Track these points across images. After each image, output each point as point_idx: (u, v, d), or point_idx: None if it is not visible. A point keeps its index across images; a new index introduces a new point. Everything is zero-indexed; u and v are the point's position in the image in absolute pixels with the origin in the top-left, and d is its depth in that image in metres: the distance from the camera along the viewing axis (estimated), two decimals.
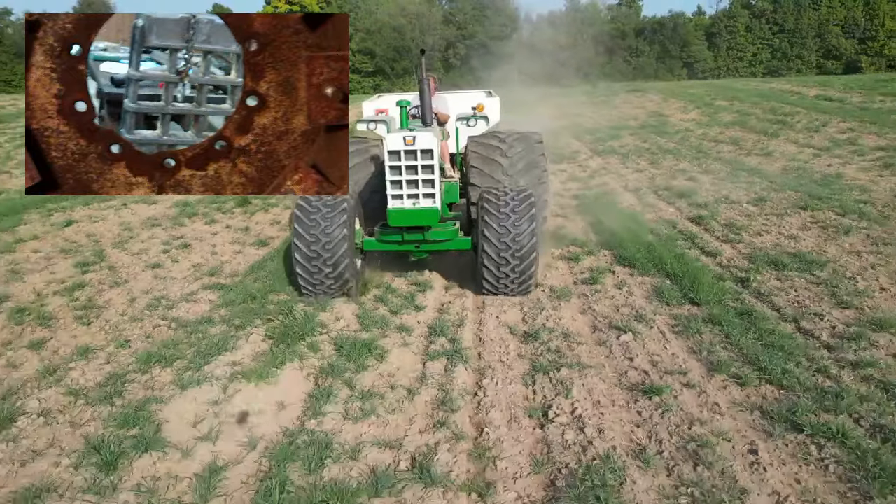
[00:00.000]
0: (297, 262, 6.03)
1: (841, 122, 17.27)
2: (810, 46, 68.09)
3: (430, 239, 6.35)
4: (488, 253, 5.98)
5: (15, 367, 4.96)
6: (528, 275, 6.12)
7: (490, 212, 6.02)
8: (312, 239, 5.91)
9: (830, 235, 7.98)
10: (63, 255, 7.71)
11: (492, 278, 6.14)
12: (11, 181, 13.10)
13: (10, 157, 15.90)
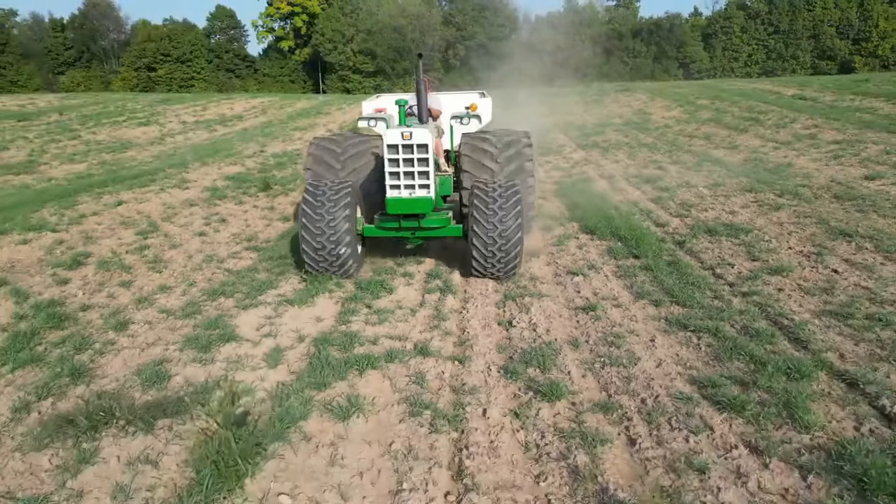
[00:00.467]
0: (304, 243, 6.68)
1: (808, 119, 18.94)
2: (805, 47, 69.73)
3: (424, 226, 6.97)
4: (477, 241, 6.61)
5: (114, 298, 6.65)
6: (513, 261, 6.78)
7: (480, 203, 6.63)
8: (318, 225, 6.53)
9: (763, 211, 9.66)
10: (123, 227, 9.39)
11: (480, 263, 6.78)
12: (53, 171, 14.77)
13: (45, 151, 17.57)
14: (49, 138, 19.85)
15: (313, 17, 67.76)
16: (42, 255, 7.81)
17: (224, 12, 70.71)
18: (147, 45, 66.72)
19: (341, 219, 6.60)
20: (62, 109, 27.03)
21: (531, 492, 3.49)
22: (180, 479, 3.58)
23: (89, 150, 18.06)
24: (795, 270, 6.96)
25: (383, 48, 65.55)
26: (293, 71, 70.35)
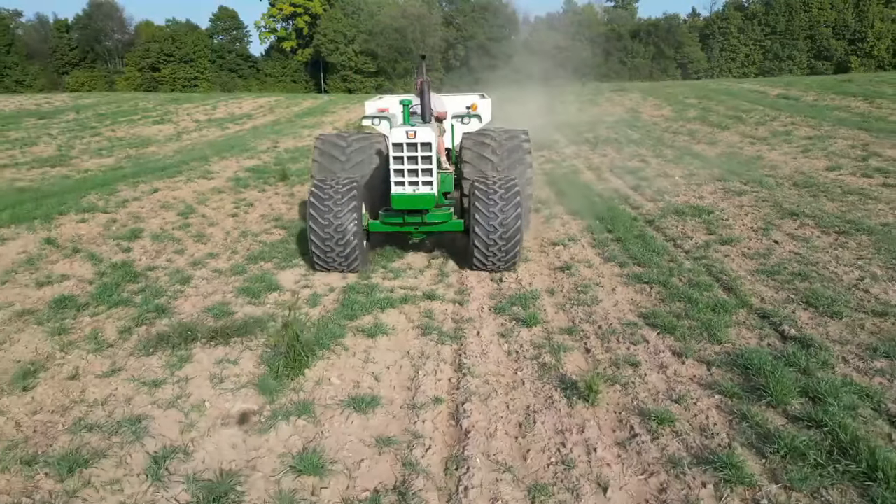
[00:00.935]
0: (312, 242, 7.01)
1: (787, 117, 20.37)
2: (801, 48, 71.16)
3: (427, 221, 7.29)
4: (478, 234, 6.93)
5: (172, 262, 8.06)
6: (513, 253, 7.13)
7: (480, 198, 6.93)
8: (325, 221, 6.85)
9: (728, 196, 11.07)
10: (164, 209, 10.79)
11: (481, 256, 7.12)
12: (85, 164, 16.18)
13: (71, 146, 18.98)
14: (72, 135, 21.27)
15: (315, 18, 69.25)
16: (101, 230, 9.20)
17: (227, 13, 72.20)
18: (151, 46, 68.23)
19: (348, 216, 6.91)
20: (78, 108, 28.43)
21: (511, 377, 4.90)
22: (256, 370, 4.99)
23: (113, 145, 19.47)
24: (743, 241, 8.36)
25: (384, 49, 67.06)
26: (295, 71, 71.82)
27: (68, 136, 21.20)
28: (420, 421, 4.25)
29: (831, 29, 71.60)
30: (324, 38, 67.32)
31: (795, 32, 71.20)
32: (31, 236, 8.55)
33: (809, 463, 3.61)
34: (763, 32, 71.73)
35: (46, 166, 15.47)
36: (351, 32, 67.56)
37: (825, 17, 71.81)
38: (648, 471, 3.70)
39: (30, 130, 22.04)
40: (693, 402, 4.42)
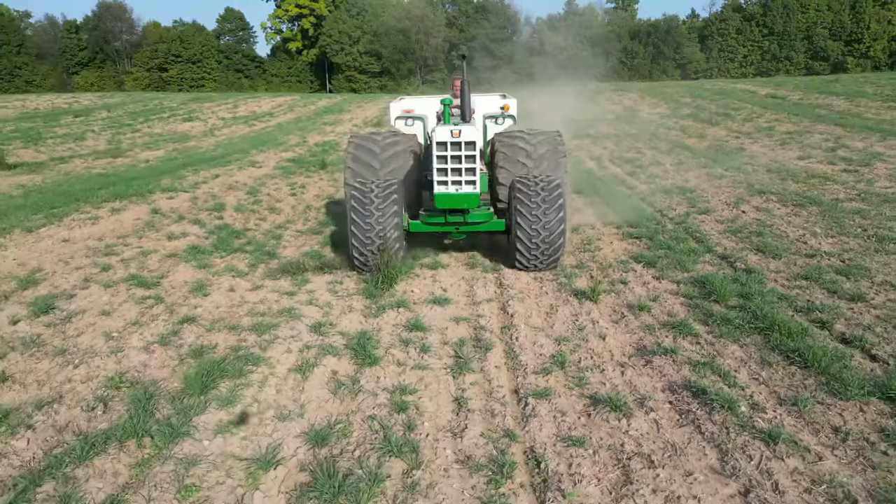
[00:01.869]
0: (353, 245, 7.16)
1: (772, 114, 22.59)
2: (799, 48, 73.49)
3: (469, 221, 7.48)
4: (521, 236, 7.10)
5: (259, 226, 10.23)
6: (556, 254, 7.30)
7: (522, 199, 7.08)
8: (367, 226, 7.02)
9: (710, 179, 13.25)
10: (232, 190, 12.94)
11: (524, 257, 7.31)
12: (140, 155, 18.33)
13: (119, 141, 21.14)
14: (115, 131, 23.45)
15: (320, 19, 71.45)
16: (189, 205, 11.35)
17: (233, 14, 74.38)
18: (159, 46, 70.41)
19: (390, 220, 7.08)
20: (108, 107, 30.61)
21: (537, 290, 7.09)
22: (358, 286, 7.17)
23: (155, 140, 21.65)
24: (716, 212, 10.54)
25: (389, 49, 69.29)
26: (300, 71, 74.01)
27: (110, 132, 23.37)
28: (480, 309, 6.43)
29: (828, 30, 73.88)
30: (329, 39, 69.52)
31: (793, 33, 73.47)
32: (138, 208, 10.70)
33: (734, 325, 5.78)
34: (761, 33, 74.00)
35: (108, 157, 17.63)
36: (356, 33, 69.77)
37: (822, 19, 74.10)
38: (632, 332, 5.88)
39: (72, 127, 24.21)
40: (664, 301, 6.60)
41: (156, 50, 70.46)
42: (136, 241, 8.83)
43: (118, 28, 72.45)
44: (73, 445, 3.92)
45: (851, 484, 3.51)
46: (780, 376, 4.87)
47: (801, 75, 65.44)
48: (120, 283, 7.01)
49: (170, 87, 67.66)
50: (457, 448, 4.01)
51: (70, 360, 5.16)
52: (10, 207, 10.34)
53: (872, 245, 8.16)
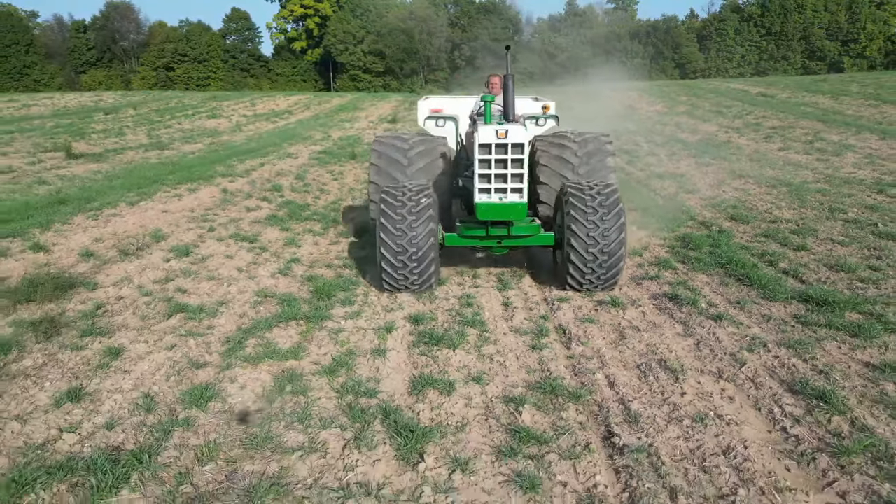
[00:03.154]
0: (383, 257, 6.37)
1: (762, 112, 24.75)
2: (796, 48, 75.80)
3: (514, 234, 6.72)
4: (575, 251, 6.35)
5: (315, 203, 12.32)
6: (614, 272, 6.53)
7: (576, 206, 6.34)
8: (398, 233, 6.25)
9: (698, 167, 15.36)
10: (280, 176, 15.00)
11: (577, 275, 6.52)
12: (184, 148, 20.39)
13: (158, 136, 23.19)
14: (149, 126, 25.53)
15: (325, 19, 73.64)
16: (249, 187, 13.41)
17: (239, 14, 76.50)
18: (166, 46, 72.53)
19: (425, 233, 6.35)
20: (135, 105, 32.69)
21: None
22: None
23: (190, 135, 23.72)
24: (700, 192, 12.64)
25: (392, 49, 71.55)
26: (305, 70, 76.16)
27: (145, 127, 25.45)
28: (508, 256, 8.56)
29: (825, 30, 76.21)
30: (334, 39, 71.70)
31: (790, 34, 75.75)
32: (209, 189, 12.77)
33: (704, 263, 7.89)
34: (759, 33, 76.29)
35: (156, 149, 19.70)
36: (360, 33, 71.97)
37: (819, 19, 76.39)
38: (627, 268, 7.98)
39: (107, 123, 26.28)
40: (653, 249, 8.71)
41: (163, 49, 72.57)
42: (221, 212, 10.92)
43: (125, 28, 74.51)
44: (254, 323, 6.01)
45: (766, 338, 5.60)
46: (732, 290, 6.97)
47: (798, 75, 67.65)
48: (228, 239, 9.10)
49: (176, 87, 69.72)
50: (509, 325, 6.12)
51: (221, 282, 7.24)
52: (103, 188, 12.40)
53: (825, 214, 10.26)
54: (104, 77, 73.18)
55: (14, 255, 7.67)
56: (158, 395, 4.58)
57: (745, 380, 4.80)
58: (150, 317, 6.10)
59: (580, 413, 4.41)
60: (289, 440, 4.01)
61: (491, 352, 5.44)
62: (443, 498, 3.44)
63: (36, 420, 4.20)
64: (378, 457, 3.80)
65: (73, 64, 73.85)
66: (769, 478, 3.54)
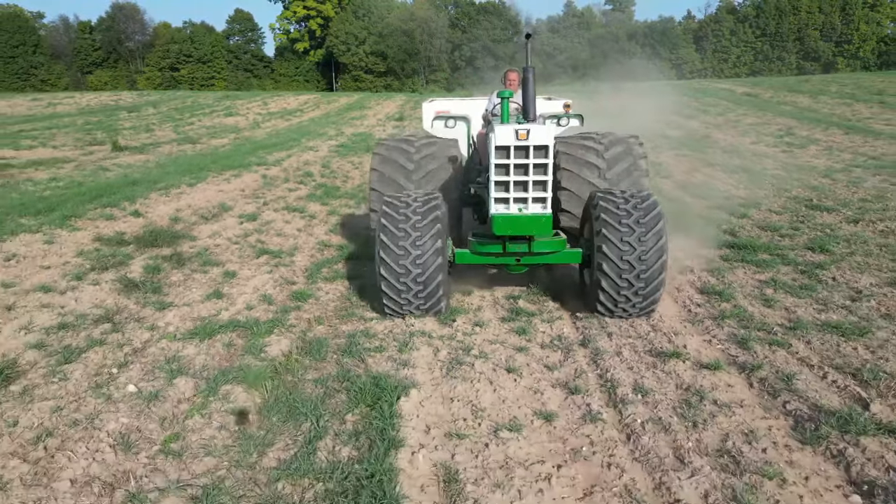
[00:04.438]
0: (382, 278, 5.74)
1: (743, 110, 27.14)
2: (790, 49, 78.28)
3: (535, 251, 5.97)
4: (607, 272, 5.66)
5: (344, 185, 14.60)
6: (652, 297, 5.84)
7: (609, 223, 5.66)
8: (401, 251, 5.62)
9: (676, 157, 17.68)
10: (307, 165, 17.28)
11: (609, 300, 5.85)
12: (212, 142, 22.69)
13: (183, 132, 25.48)
14: (172, 124, 27.83)
15: (327, 20, 76.00)
16: (283, 174, 15.68)
17: (242, 15, 78.85)
18: (170, 47, 74.84)
19: (432, 252, 5.69)
20: (154, 104, 35.01)
21: None
22: None
23: (214, 131, 26.01)
24: (673, 177, 14.96)
25: (394, 50, 73.90)
26: (308, 71, 78.50)
27: (169, 125, 27.75)
28: None
29: (819, 31, 78.67)
30: (336, 40, 74.05)
31: (785, 34, 78.22)
32: (250, 175, 15.04)
33: None
34: (754, 34, 78.73)
35: (188, 143, 22.00)
36: (362, 34, 74.32)
37: (813, 20, 78.84)
38: None
39: (133, 120, 28.58)
40: None
41: (167, 50, 74.88)
42: (267, 192, 13.21)
43: (131, 29, 76.82)
44: (323, 260, 8.29)
45: (694, 267, 7.87)
46: (680, 241, 9.25)
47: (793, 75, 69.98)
48: (281, 210, 11.39)
49: (181, 86, 72.01)
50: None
51: (288, 237, 9.52)
52: (161, 173, 14.68)
53: (772, 193, 12.56)
54: (110, 77, 75.45)
55: (121, 219, 9.94)
56: (272, 296, 6.88)
57: (672, 289, 7.08)
58: (245, 256, 8.40)
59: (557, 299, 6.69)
60: (368, 314, 6.31)
61: None
62: (469, 338, 5.73)
63: (197, 305, 6.50)
64: (427, 322, 6.08)
65: (79, 64, 76.12)
66: (673, 330, 5.84)
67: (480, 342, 5.70)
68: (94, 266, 7.47)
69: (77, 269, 7.34)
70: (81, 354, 5.25)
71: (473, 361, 5.25)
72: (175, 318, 6.11)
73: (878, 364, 4.97)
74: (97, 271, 7.32)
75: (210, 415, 4.41)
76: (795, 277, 7.34)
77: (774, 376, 4.80)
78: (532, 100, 6.35)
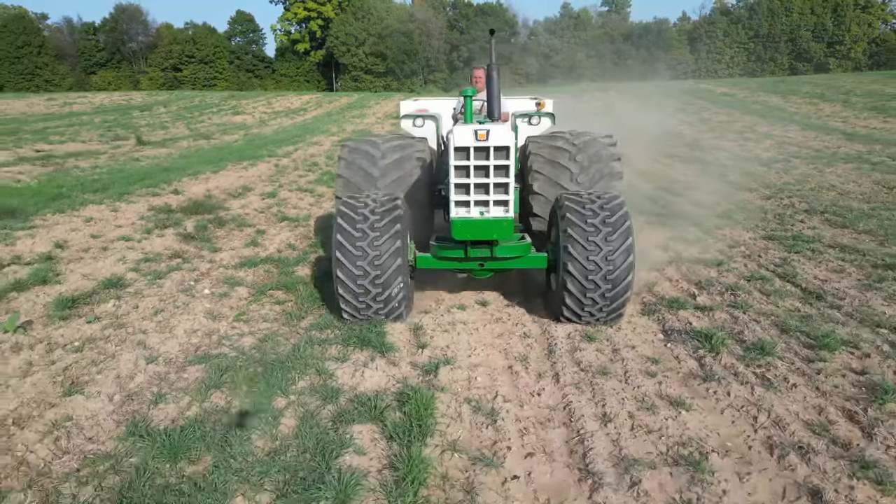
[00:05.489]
0: (339, 281, 5.68)
1: (717, 109, 29.57)
2: (783, 50, 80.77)
3: (498, 256, 5.95)
4: (572, 275, 5.61)
5: None
6: (619, 302, 5.78)
7: (575, 223, 5.62)
8: (359, 253, 5.55)
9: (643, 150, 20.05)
10: (312, 156, 19.66)
11: (575, 305, 5.80)
12: (225, 138, 25.09)
13: (196, 129, 27.87)
14: (184, 122, 30.23)
15: (328, 22, 78.51)
16: (293, 164, 18.05)
17: (243, 16, 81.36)
18: (173, 47, 77.34)
19: (391, 252, 5.61)
20: (165, 103, 37.44)
21: None
22: None
23: (225, 129, 28.41)
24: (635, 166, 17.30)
25: (393, 51, 76.37)
26: (308, 71, 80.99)
27: (181, 122, 30.16)
28: None
29: (811, 32, 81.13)
30: (336, 41, 76.55)
31: (777, 36, 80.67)
32: (264, 164, 17.43)
33: None
34: (747, 35, 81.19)
35: (202, 139, 24.41)
36: (361, 35, 76.82)
37: (805, 22, 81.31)
38: None
39: (147, 119, 30.99)
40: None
41: (170, 51, 77.39)
42: (280, 177, 15.60)
43: (134, 30, 79.30)
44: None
45: None
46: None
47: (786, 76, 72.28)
48: (295, 190, 13.76)
49: (184, 86, 74.51)
50: None
51: (302, 209, 11.89)
52: (186, 163, 17.07)
53: (716, 178, 14.93)
54: (113, 77, 77.93)
55: (164, 195, 12.32)
56: (295, 244, 9.27)
57: None
58: (270, 221, 10.80)
59: None
60: None
61: None
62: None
63: (240, 249, 8.91)
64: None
65: (83, 65, 78.58)
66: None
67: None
68: (156, 225, 9.86)
69: (143, 227, 9.73)
70: (167, 275, 7.64)
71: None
72: (226, 256, 8.51)
73: (717, 279, 7.37)
74: (159, 229, 9.70)
75: (263, 304, 6.81)
76: (698, 235, 9.71)
77: (643, 282, 7.19)
78: (496, 98, 6.15)
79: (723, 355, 5.29)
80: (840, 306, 6.36)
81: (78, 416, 4.47)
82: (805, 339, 5.61)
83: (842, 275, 7.44)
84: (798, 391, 4.68)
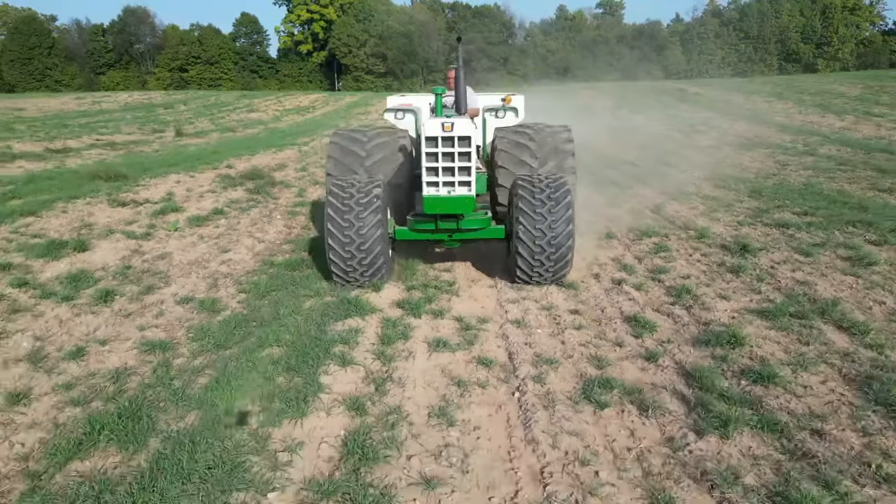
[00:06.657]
0: (331, 248, 6.87)
1: (686, 106, 33.82)
2: (772, 51, 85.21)
3: (463, 227, 7.26)
4: (522, 240, 6.79)
5: None
6: (563, 263, 6.95)
7: (524, 198, 6.77)
8: (346, 224, 6.71)
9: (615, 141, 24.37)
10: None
11: (525, 266, 6.97)
12: (246, 132, 29.38)
13: (218, 124, 32.16)
14: (207, 118, 34.53)
15: (330, 24, 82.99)
16: (313, 150, 22.31)
17: (248, 18, 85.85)
18: (179, 49, 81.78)
19: (373, 224, 6.80)
20: (185, 102, 41.79)
21: None
22: None
23: (244, 124, 32.72)
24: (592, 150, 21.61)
25: (394, 52, 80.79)
26: (311, 72, 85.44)
27: (203, 118, 34.47)
28: None
29: (800, 34, 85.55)
30: (338, 42, 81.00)
31: (767, 37, 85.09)
32: (290, 150, 21.69)
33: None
34: (737, 37, 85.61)
35: (229, 132, 28.72)
36: (363, 37, 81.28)
37: (794, 23, 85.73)
38: None
39: (172, 116, 35.31)
40: None
41: (177, 52, 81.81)
42: (305, 159, 19.89)
43: (142, 31, 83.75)
44: None
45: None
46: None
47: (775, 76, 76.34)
48: (319, 167, 18.01)
49: (190, 87, 78.92)
50: None
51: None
52: (225, 149, 21.35)
53: (662, 162, 19.17)
54: (122, 78, 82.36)
55: (222, 168, 16.58)
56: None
57: None
58: (307, 183, 15.09)
59: None
60: None
61: None
62: None
63: (293, 198, 13.23)
64: None
65: (92, 66, 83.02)
66: None
67: None
68: (227, 186, 14.14)
69: (220, 185, 14.00)
70: (250, 209, 11.93)
71: None
72: (284, 201, 12.84)
73: (622, 215, 11.66)
74: (231, 188, 13.98)
75: (314, 222, 11.10)
76: (615, 192, 13.96)
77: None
78: (462, 95, 7.45)
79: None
80: (674, 220, 10.67)
81: (233, 259, 8.76)
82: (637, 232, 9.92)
83: (695, 211, 11.73)
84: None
